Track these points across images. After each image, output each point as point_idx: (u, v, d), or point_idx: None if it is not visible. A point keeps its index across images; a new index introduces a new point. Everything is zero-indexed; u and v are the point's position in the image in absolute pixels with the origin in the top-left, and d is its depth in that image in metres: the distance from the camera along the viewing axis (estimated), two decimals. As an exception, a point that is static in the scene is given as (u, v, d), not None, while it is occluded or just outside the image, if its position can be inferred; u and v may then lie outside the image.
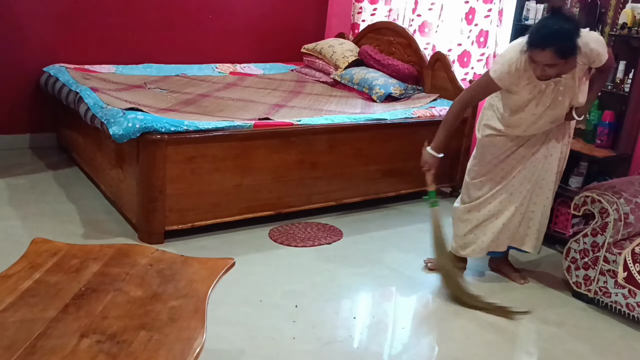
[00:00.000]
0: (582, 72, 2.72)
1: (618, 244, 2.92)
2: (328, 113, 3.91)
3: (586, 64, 2.69)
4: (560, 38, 2.53)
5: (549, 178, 2.97)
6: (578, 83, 2.73)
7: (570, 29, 2.54)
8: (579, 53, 2.58)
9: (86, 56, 4.58)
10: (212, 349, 2.32)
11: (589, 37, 2.63)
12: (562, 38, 2.53)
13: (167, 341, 1.58)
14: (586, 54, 2.62)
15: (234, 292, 2.78)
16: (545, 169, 2.95)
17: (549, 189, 2.99)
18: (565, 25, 2.55)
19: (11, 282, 1.79)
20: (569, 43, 2.53)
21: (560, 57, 2.54)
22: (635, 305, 2.81)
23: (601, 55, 2.66)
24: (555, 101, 2.76)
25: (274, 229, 3.56)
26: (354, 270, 3.18)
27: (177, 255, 2.09)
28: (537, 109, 2.78)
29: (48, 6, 4.43)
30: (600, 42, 2.66)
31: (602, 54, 2.66)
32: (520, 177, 2.97)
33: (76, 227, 3.35)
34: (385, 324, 2.77)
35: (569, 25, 2.55)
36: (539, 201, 3.01)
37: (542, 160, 2.94)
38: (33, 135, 4.62)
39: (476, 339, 2.67)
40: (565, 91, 2.74)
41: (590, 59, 2.67)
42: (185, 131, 3.14)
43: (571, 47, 2.54)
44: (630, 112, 3.39)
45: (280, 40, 5.50)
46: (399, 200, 4.11)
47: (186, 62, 4.96)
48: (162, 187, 3.12)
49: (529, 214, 3.04)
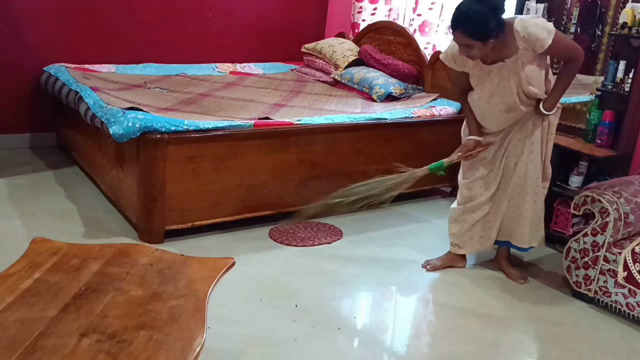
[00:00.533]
0: (527, 58, 2.70)
1: (618, 243, 2.92)
2: (328, 112, 3.91)
3: (528, 49, 2.66)
4: (466, 19, 2.57)
5: (532, 174, 2.98)
6: (522, 67, 2.70)
7: (479, 10, 2.55)
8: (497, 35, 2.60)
9: (86, 56, 4.58)
10: (212, 349, 2.32)
11: (529, 21, 2.63)
12: (468, 19, 2.57)
13: (167, 341, 1.58)
14: (525, 38, 2.62)
15: (234, 291, 2.78)
16: (528, 166, 2.97)
17: (536, 185, 3.01)
18: (474, 7, 2.56)
19: (11, 281, 1.79)
20: (475, 24, 2.56)
21: (471, 37, 2.58)
22: (635, 304, 2.81)
23: (542, 40, 2.62)
24: (502, 86, 2.77)
25: (274, 228, 3.56)
26: (354, 270, 3.18)
27: (177, 255, 2.09)
28: (483, 92, 2.85)
29: (48, 5, 4.43)
30: (540, 27, 2.63)
31: (542, 38, 2.62)
32: (504, 175, 3.02)
33: (76, 227, 3.35)
34: (385, 324, 2.77)
35: (478, 7, 2.56)
36: (527, 198, 3.02)
37: (524, 156, 2.95)
38: (33, 134, 4.62)
39: (476, 339, 2.67)
40: (510, 76, 2.73)
41: (530, 44, 2.64)
42: (185, 131, 3.14)
43: (479, 28, 2.56)
44: (630, 112, 3.39)
45: (280, 40, 5.50)
46: (399, 200, 4.10)
47: (186, 61, 4.96)
48: (162, 186, 3.12)
49: (518, 211, 3.06)
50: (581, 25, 3.69)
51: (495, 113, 2.88)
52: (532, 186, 3.01)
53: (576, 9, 3.69)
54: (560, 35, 2.70)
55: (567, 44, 2.76)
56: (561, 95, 2.83)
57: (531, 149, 2.94)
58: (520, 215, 3.07)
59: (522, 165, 2.97)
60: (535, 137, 2.93)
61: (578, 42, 3.70)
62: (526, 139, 2.93)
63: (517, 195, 3.03)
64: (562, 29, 3.76)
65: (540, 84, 2.80)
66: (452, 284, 3.15)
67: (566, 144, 3.55)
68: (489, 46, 2.64)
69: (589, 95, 3.70)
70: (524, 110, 2.85)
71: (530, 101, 2.83)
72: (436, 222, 3.85)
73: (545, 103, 2.82)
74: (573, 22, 3.72)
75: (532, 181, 3.00)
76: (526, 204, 3.03)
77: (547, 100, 2.82)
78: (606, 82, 3.44)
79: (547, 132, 2.97)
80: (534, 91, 2.79)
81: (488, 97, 2.84)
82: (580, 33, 3.71)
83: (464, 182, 3.13)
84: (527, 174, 2.98)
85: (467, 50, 2.65)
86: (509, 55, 2.70)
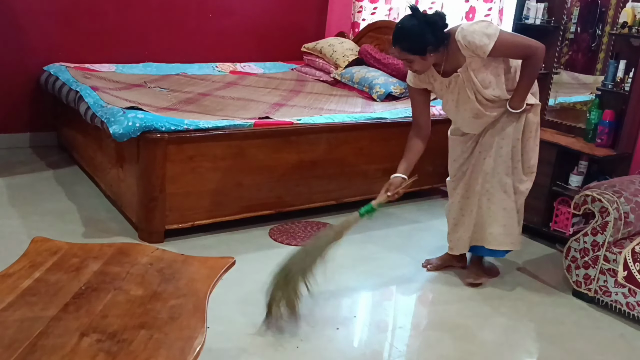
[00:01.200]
0: (477, 64, 2.67)
1: (618, 243, 2.92)
2: (328, 112, 3.91)
3: (473, 56, 2.64)
4: (402, 35, 2.62)
5: (500, 170, 2.91)
6: (475, 75, 2.68)
7: (413, 25, 2.59)
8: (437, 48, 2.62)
9: (86, 55, 4.58)
10: (213, 348, 2.32)
11: (468, 29, 2.62)
12: (403, 35, 2.62)
13: (167, 340, 1.58)
14: (466, 46, 2.61)
15: (234, 291, 2.78)
16: (497, 162, 2.90)
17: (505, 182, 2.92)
18: (408, 23, 2.61)
19: (11, 281, 1.79)
20: (410, 40, 2.60)
21: (408, 52, 2.62)
22: (635, 304, 2.81)
23: (483, 46, 2.59)
24: (462, 95, 2.77)
25: (274, 228, 3.56)
26: (354, 269, 3.18)
27: (178, 254, 2.09)
28: (449, 104, 2.86)
29: (48, 5, 4.43)
30: (479, 33, 2.60)
31: (481, 45, 2.59)
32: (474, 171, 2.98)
33: (76, 226, 3.35)
34: (386, 323, 2.77)
35: (412, 22, 2.60)
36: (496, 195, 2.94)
37: (492, 151, 2.89)
38: (33, 134, 4.62)
39: (476, 339, 2.67)
40: (466, 85, 2.73)
41: (473, 51, 2.62)
42: (185, 130, 3.14)
43: (415, 43, 2.60)
44: (630, 111, 3.38)
45: (280, 39, 5.49)
46: (399, 200, 4.10)
47: (186, 61, 4.96)
48: (162, 186, 3.12)
49: (488, 210, 2.98)
50: (581, 25, 3.69)
51: (466, 120, 2.88)
52: (500, 183, 2.92)
53: (576, 9, 3.69)
54: (505, 37, 2.65)
55: (515, 43, 2.70)
56: (526, 92, 2.77)
57: (501, 145, 2.88)
58: (490, 214, 2.97)
59: (490, 160, 2.91)
60: (506, 133, 2.86)
61: (578, 41, 3.72)
62: (496, 134, 2.87)
63: (486, 192, 2.96)
64: (562, 28, 3.77)
65: (500, 86, 2.75)
66: (452, 283, 3.15)
67: (566, 143, 3.55)
68: (429, 60, 2.66)
69: (589, 94, 3.70)
70: (493, 114, 2.81)
71: (497, 103, 2.78)
72: (436, 221, 3.85)
73: (511, 102, 2.78)
74: (573, 21, 3.72)
75: (501, 178, 2.92)
76: (496, 202, 2.95)
77: (512, 99, 2.77)
78: (606, 82, 3.44)
79: (526, 130, 2.88)
80: (494, 94, 2.75)
81: (454, 108, 2.84)
82: (580, 32, 3.71)
83: (447, 181, 3.15)
84: (495, 169, 2.91)
85: (409, 65, 2.69)
86: (459, 65, 2.71)
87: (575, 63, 3.77)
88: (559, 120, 3.86)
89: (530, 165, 2.97)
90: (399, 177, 2.89)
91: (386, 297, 3.04)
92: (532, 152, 2.95)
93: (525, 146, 2.92)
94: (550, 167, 3.57)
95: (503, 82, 2.76)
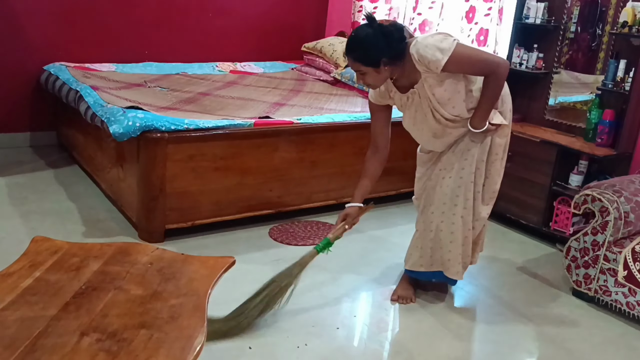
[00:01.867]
0: (434, 80, 2.48)
1: (618, 242, 2.92)
2: (328, 111, 3.91)
3: (428, 72, 2.45)
4: (355, 45, 2.44)
5: (460, 193, 2.67)
6: (431, 91, 2.50)
7: (367, 35, 2.41)
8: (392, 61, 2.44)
9: (86, 54, 4.58)
10: (213, 348, 2.32)
11: (422, 42, 2.43)
12: (356, 45, 2.43)
13: (167, 339, 1.58)
14: (419, 61, 2.43)
15: (234, 290, 2.78)
16: (457, 183, 2.67)
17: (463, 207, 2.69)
18: (363, 32, 2.44)
19: (11, 280, 1.79)
20: (363, 50, 2.41)
21: (361, 63, 2.43)
22: (636, 303, 2.81)
23: (435, 62, 2.39)
24: (419, 112, 2.60)
25: (274, 227, 3.56)
26: (354, 269, 3.18)
27: (178, 254, 2.09)
28: (407, 121, 2.69)
29: (48, 4, 4.43)
30: (432, 47, 2.40)
31: (433, 60, 2.39)
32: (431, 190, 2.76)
33: (76, 226, 3.35)
34: (386, 323, 2.77)
35: (367, 31, 2.42)
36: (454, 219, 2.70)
37: (453, 171, 2.67)
38: (33, 133, 4.62)
39: (476, 338, 2.67)
40: (422, 102, 2.55)
41: (427, 66, 2.43)
42: (185, 130, 3.14)
43: (367, 54, 2.40)
44: (630, 111, 3.39)
45: (280, 39, 5.49)
46: (400, 199, 4.11)
47: (186, 60, 4.96)
48: (162, 185, 3.12)
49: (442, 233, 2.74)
50: (581, 24, 3.69)
51: (425, 138, 2.70)
52: (459, 207, 2.68)
53: (576, 8, 3.69)
54: (461, 51, 2.42)
55: (473, 59, 2.47)
56: (487, 111, 2.54)
57: (462, 166, 2.65)
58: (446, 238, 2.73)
59: (449, 181, 2.67)
60: (470, 153, 2.63)
61: (578, 41, 3.72)
62: (459, 154, 2.65)
63: (441, 215, 2.71)
64: (563, 28, 3.77)
65: (459, 104, 2.53)
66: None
67: (566, 143, 3.56)
68: (383, 73, 2.46)
69: (589, 94, 3.70)
70: (454, 133, 2.62)
71: (460, 123, 2.58)
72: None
73: (472, 120, 2.55)
74: (573, 21, 3.72)
75: (460, 201, 2.67)
76: (453, 226, 2.70)
77: (473, 117, 2.55)
78: (606, 81, 3.44)
79: (492, 152, 2.65)
80: (453, 113, 2.54)
81: (413, 125, 2.68)
82: (580, 32, 3.71)
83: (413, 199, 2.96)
84: (454, 191, 2.67)
85: (362, 77, 2.49)
86: (417, 80, 2.52)
87: (576, 62, 3.77)
88: (559, 120, 3.87)
89: (494, 190, 2.74)
90: (355, 206, 2.73)
91: (386, 297, 3.03)
92: (497, 177, 2.72)
93: (490, 169, 2.68)
94: (550, 167, 3.57)
95: (463, 100, 2.53)
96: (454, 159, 2.67)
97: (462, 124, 2.59)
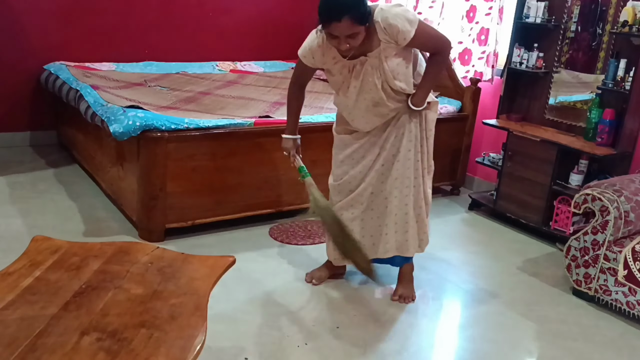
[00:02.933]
0: (391, 51, 2.46)
1: (618, 242, 2.92)
2: (328, 111, 3.91)
3: (391, 42, 2.43)
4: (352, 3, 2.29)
5: (410, 174, 2.70)
6: (385, 62, 2.47)
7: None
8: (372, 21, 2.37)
9: (86, 54, 4.59)
10: (213, 347, 2.32)
11: (390, 11, 2.39)
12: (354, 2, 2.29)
13: (167, 339, 1.58)
14: (386, 29, 2.39)
15: (234, 289, 2.78)
16: (405, 166, 2.69)
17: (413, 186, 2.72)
18: None
19: (12, 279, 1.79)
20: (361, 5, 2.30)
21: (358, 23, 2.30)
22: (636, 303, 2.81)
23: (404, 32, 2.38)
24: (366, 83, 2.53)
25: (274, 227, 3.56)
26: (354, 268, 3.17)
27: (178, 253, 2.09)
28: (350, 91, 2.58)
29: (48, 4, 4.43)
30: (401, 17, 2.38)
31: (403, 30, 2.38)
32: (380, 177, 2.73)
33: (77, 225, 3.35)
34: (386, 323, 2.77)
35: None
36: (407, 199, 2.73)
37: (401, 155, 2.68)
38: (33, 132, 4.62)
39: (476, 337, 2.67)
40: (373, 71, 2.50)
41: (392, 36, 2.41)
42: (185, 129, 3.14)
43: (363, 10, 2.31)
44: (630, 111, 3.39)
45: (280, 38, 5.49)
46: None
47: (187, 59, 4.96)
48: (162, 184, 3.12)
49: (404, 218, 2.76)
50: (582, 24, 3.69)
51: (362, 111, 2.62)
52: (409, 187, 2.72)
53: (577, 7, 3.69)
54: (424, 26, 2.47)
55: (432, 35, 2.52)
56: (429, 89, 2.61)
57: (409, 147, 2.67)
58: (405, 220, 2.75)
59: (398, 165, 2.68)
60: (413, 134, 2.66)
61: (579, 40, 3.72)
62: (403, 137, 2.65)
63: (394, 199, 2.72)
64: (563, 27, 3.77)
65: (407, 78, 2.55)
66: (452, 282, 3.15)
67: (566, 142, 3.55)
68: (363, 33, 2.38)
69: (589, 93, 3.70)
70: (392, 106, 2.59)
71: (399, 97, 2.58)
72: (436, 220, 3.84)
73: (413, 98, 2.58)
74: (574, 20, 3.71)
75: (410, 182, 2.71)
76: (409, 206, 2.74)
77: (415, 95, 2.58)
78: (607, 81, 3.44)
79: (425, 127, 2.70)
80: (401, 86, 2.54)
81: (355, 95, 2.58)
82: (580, 31, 3.71)
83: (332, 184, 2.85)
84: (404, 174, 2.69)
85: (350, 40, 2.34)
86: (371, 48, 2.45)
87: (576, 62, 3.77)
88: (560, 119, 3.87)
89: (430, 165, 2.79)
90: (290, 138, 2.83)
91: (386, 296, 3.03)
92: (431, 150, 2.77)
93: (425, 144, 2.73)
94: (550, 166, 3.57)
95: (411, 75, 2.58)
96: (398, 143, 2.68)
97: (401, 99, 2.60)
